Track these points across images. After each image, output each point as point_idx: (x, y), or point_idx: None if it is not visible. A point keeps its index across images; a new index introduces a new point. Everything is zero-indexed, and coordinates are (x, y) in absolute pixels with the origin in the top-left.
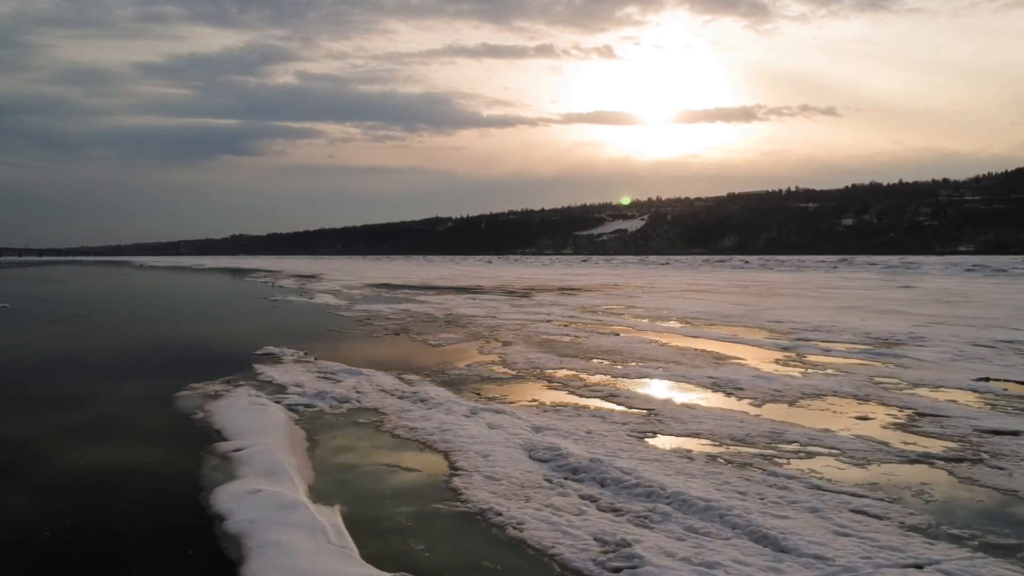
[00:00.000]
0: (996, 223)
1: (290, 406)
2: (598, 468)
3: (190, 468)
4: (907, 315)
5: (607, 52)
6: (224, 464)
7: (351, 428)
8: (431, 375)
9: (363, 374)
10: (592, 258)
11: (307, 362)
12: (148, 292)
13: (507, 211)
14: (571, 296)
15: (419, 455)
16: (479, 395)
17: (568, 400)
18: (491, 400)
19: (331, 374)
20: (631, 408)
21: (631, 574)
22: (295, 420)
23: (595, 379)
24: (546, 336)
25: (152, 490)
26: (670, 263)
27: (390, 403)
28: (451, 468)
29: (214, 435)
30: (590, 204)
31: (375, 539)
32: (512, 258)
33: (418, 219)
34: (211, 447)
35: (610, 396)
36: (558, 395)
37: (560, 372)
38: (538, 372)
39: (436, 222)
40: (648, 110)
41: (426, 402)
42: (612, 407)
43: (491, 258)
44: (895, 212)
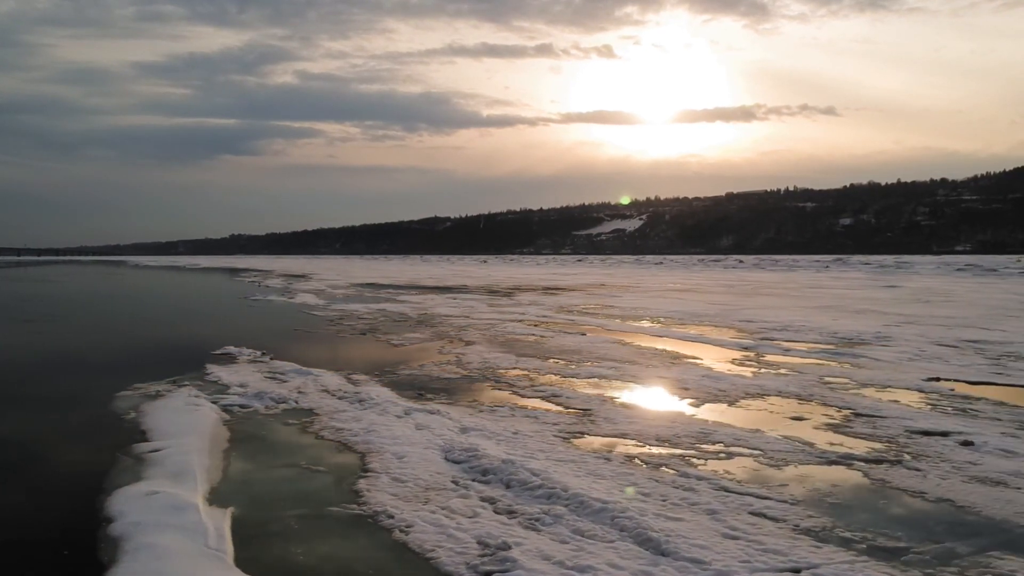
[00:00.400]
0: (994, 223)
1: (225, 407)
2: (508, 470)
3: (100, 469)
4: (881, 314)
5: (607, 52)
6: (135, 465)
7: (278, 429)
8: (381, 375)
9: (312, 374)
10: (588, 258)
11: (261, 362)
12: (132, 292)
13: (506, 211)
14: (553, 296)
15: (335, 456)
16: (420, 396)
17: (508, 400)
18: (430, 401)
19: (280, 374)
20: (568, 408)
21: None
22: (225, 421)
23: (543, 379)
24: (512, 336)
25: (52, 492)
26: (664, 263)
27: (327, 404)
28: (362, 470)
29: (137, 436)
30: (589, 204)
31: (257, 543)
32: (509, 258)
33: (417, 219)
34: (130, 448)
35: (552, 396)
36: (500, 395)
37: (511, 372)
38: (489, 372)
39: (435, 222)
40: (648, 110)
41: (364, 403)
42: (550, 407)
43: (488, 258)
44: (893, 212)
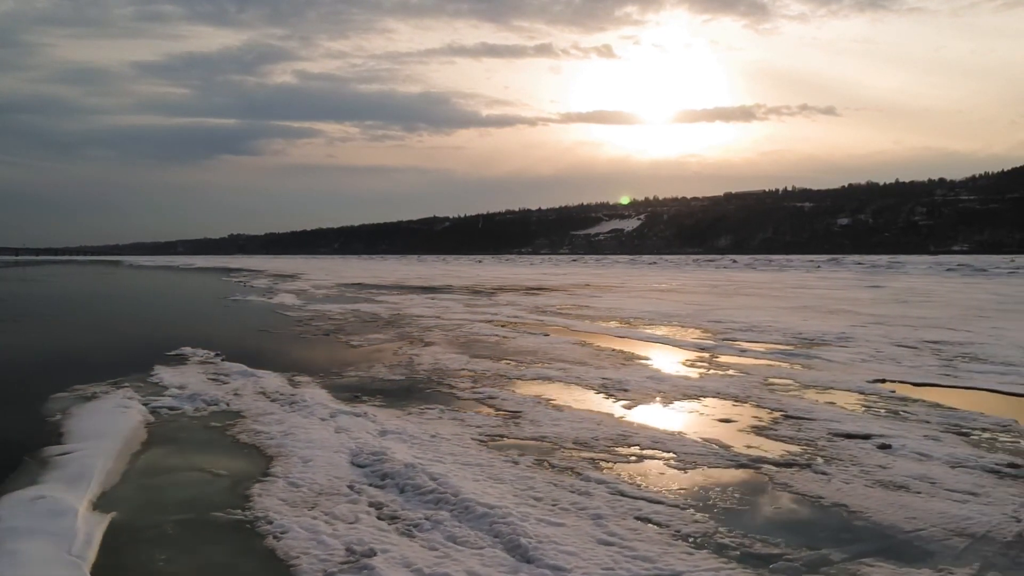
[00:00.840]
0: (991, 223)
1: (155, 409)
2: (408, 474)
3: None
4: (854, 315)
5: (606, 51)
6: (37, 469)
7: (197, 432)
8: (325, 377)
9: (256, 376)
10: (584, 258)
11: (211, 363)
12: (114, 292)
13: (504, 211)
14: (533, 296)
15: (242, 460)
16: (356, 398)
17: (442, 402)
18: (363, 403)
19: (224, 376)
20: (499, 411)
21: None
22: (148, 424)
23: (486, 381)
24: (475, 337)
25: None
26: (658, 263)
27: (257, 406)
28: (263, 474)
29: (53, 439)
30: (587, 204)
31: (125, 549)
32: (505, 258)
33: (416, 219)
34: (39, 451)
35: (488, 398)
36: (437, 397)
37: (458, 374)
38: (436, 374)
39: (433, 222)
40: (647, 110)
41: (295, 405)
42: (481, 409)
43: (483, 258)
44: (890, 212)
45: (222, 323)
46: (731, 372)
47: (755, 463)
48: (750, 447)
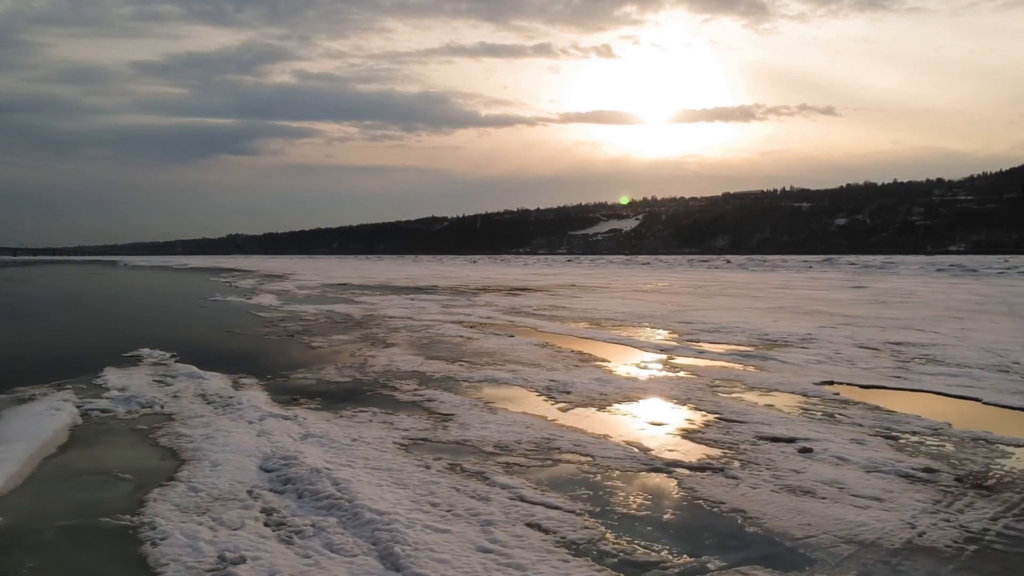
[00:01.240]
0: (988, 223)
1: (87, 411)
2: (311, 479)
3: None
4: (827, 316)
5: (606, 51)
6: None
7: (120, 435)
8: (272, 379)
9: (203, 377)
10: (580, 258)
11: (164, 364)
12: (97, 293)
13: (503, 211)
14: (514, 297)
15: (153, 464)
16: (294, 400)
17: (378, 405)
18: (299, 406)
19: (171, 377)
20: (432, 413)
21: None
22: (73, 426)
23: (432, 383)
24: (439, 338)
25: None
26: (651, 263)
27: (191, 409)
28: (167, 478)
29: None
30: (585, 204)
31: None
32: (501, 258)
33: (414, 219)
34: None
35: (427, 401)
36: (376, 400)
37: (407, 376)
38: (384, 377)
39: (432, 221)
40: (647, 109)
41: (228, 408)
42: (414, 412)
43: (479, 258)
44: (888, 212)
45: (190, 324)
46: (681, 374)
47: (669, 467)
48: (671, 451)
